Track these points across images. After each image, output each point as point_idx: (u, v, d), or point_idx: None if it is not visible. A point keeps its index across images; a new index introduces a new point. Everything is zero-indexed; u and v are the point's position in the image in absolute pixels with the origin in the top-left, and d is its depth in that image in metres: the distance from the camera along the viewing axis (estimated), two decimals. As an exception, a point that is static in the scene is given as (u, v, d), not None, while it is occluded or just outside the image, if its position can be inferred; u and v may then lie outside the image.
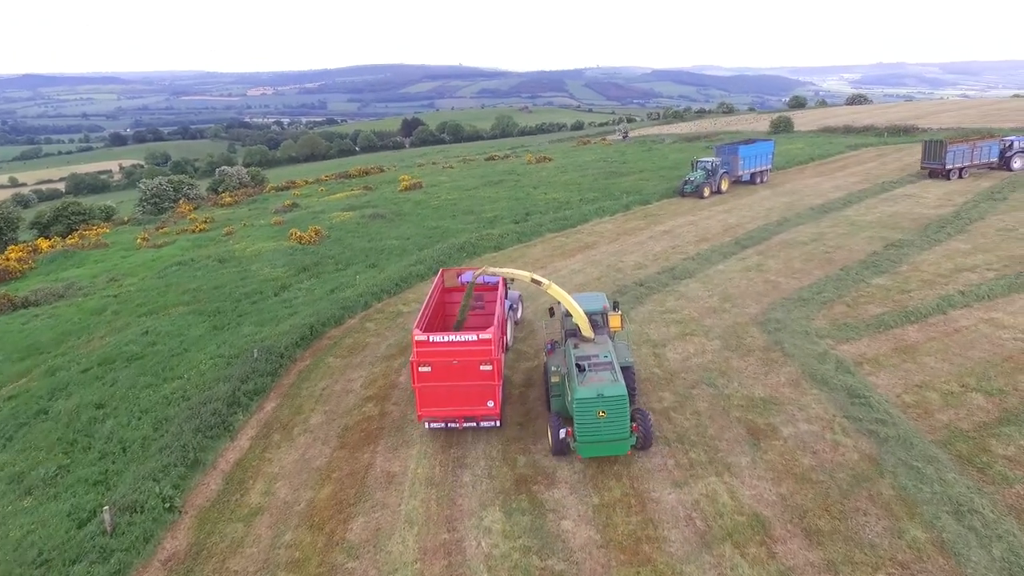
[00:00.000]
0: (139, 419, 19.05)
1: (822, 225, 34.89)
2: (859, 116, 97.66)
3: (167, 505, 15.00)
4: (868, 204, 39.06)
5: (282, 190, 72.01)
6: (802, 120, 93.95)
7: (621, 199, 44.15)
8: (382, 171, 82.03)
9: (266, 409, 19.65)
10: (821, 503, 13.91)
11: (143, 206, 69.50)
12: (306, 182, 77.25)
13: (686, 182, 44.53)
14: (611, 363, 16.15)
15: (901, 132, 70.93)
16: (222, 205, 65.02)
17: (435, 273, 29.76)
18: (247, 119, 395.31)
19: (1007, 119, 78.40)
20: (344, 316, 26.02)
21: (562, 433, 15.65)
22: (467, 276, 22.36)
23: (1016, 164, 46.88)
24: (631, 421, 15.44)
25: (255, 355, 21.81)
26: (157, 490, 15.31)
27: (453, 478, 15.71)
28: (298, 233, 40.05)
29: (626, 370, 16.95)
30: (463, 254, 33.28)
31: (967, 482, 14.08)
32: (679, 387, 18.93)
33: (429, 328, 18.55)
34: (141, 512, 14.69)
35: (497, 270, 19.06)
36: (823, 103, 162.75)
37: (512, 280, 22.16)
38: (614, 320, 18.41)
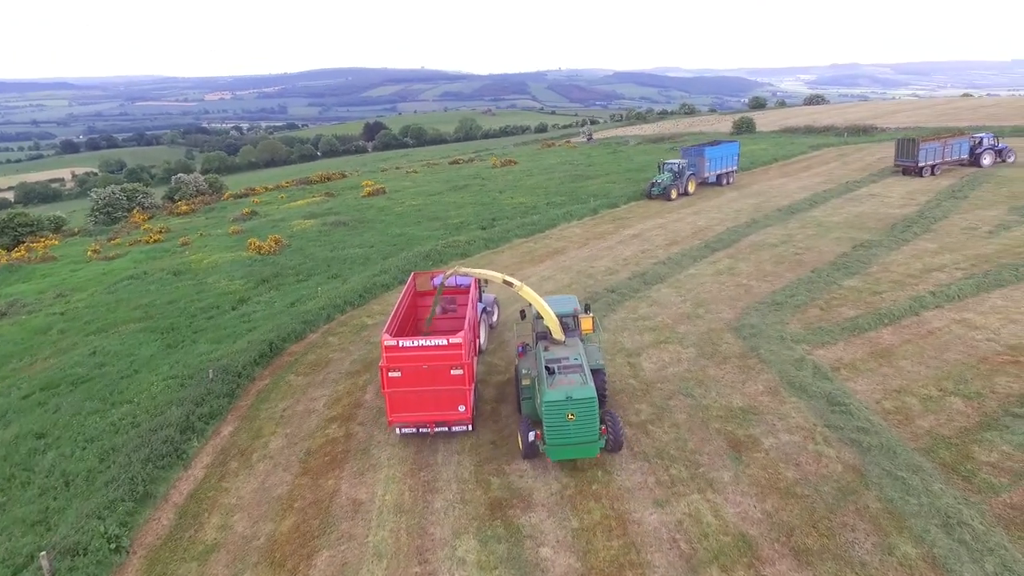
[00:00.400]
0: (84, 449, 17.76)
1: (790, 227, 34.79)
2: (819, 116, 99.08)
3: (113, 546, 13.84)
4: (834, 205, 39.17)
5: (241, 197, 70.12)
6: (763, 121, 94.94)
7: (589, 203, 43.66)
8: (344, 176, 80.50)
9: (223, 434, 18.53)
10: (808, 519, 13.39)
11: (95, 216, 67.01)
12: (266, 189, 75.39)
13: (653, 184, 44.25)
14: (581, 366, 16.06)
15: (861, 132, 71.95)
16: (178, 214, 62.99)
17: (401, 282, 28.92)
18: (205, 124, 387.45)
19: (961, 118, 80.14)
20: (305, 330, 24.92)
21: (531, 436, 15.51)
22: (440, 279, 21.93)
23: (986, 160, 47.88)
24: (600, 423, 15.29)
25: (211, 375, 20.64)
26: (102, 529, 14.13)
27: (424, 504, 14.85)
28: (257, 243, 38.70)
29: (597, 372, 16.88)
30: (429, 262, 32.35)
31: (954, 492, 13.70)
32: (656, 398, 18.34)
33: (401, 333, 18.17)
34: (84, 555, 13.52)
35: (468, 270, 18.87)
36: (782, 104, 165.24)
37: (487, 282, 21.67)
38: (586, 322, 18.38)
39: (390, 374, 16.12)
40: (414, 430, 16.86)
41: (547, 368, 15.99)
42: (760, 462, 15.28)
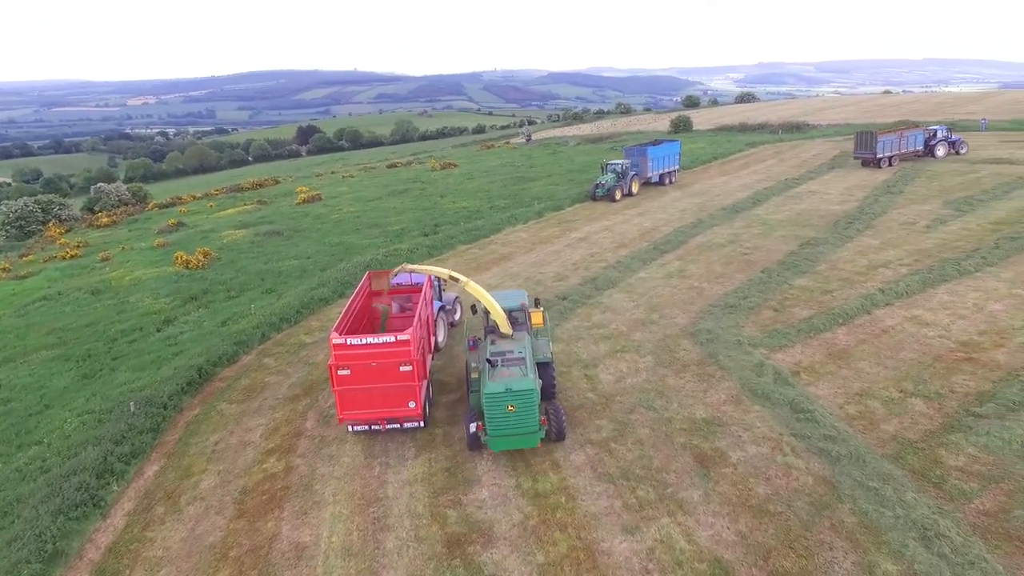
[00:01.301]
0: (-16, 501, 15.78)
1: (736, 226, 34.69)
2: (752, 114, 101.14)
3: (16, 618, 12.12)
4: (776, 202, 39.39)
5: (167, 207, 66.66)
6: (699, 119, 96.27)
7: (533, 206, 42.82)
8: (277, 183, 77.65)
9: (146, 475, 16.78)
10: (784, 539, 12.72)
11: (6, 230, 62.50)
12: (194, 197, 71.93)
13: (597, 185, 43.74)
14: (524, 359, 16.31)
15: (794, 129, 73.50)
16: (98, 226, 59.35)
17: (341, 296, 27.49)
18: (128, 130, 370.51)
19: (886, 115, 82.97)
20: (238, 352, 23.14)
21: (472, 427, 15.74)
22: (401, 278, 21.96)
23: (939, 152, 49.63)
24: (543, 415, 15.68)
25: (132, 408, 18.77)
26: (4, 598, 12.38)
27: (375, 545, 13.57)
28: (184, 256, 36.37)
29: (545, 366, 17.32)
30: (371, 271, 30.82)
31: (927, 501, 13.26)
32: (616, 413, 17.49)
33: (355, 332, 18.14)
34: (-19, 631, 11.76)
35: (415, 267, 19.00)
36: (715, 102, 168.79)
37: (446, 281, 21.08)
38: (536, 317, 18.63)
39: (339, 372, 16.17)
40: (366, 427, 16.99)
41: (488, 361, 16.21)
42: (729, 478, 14.58)
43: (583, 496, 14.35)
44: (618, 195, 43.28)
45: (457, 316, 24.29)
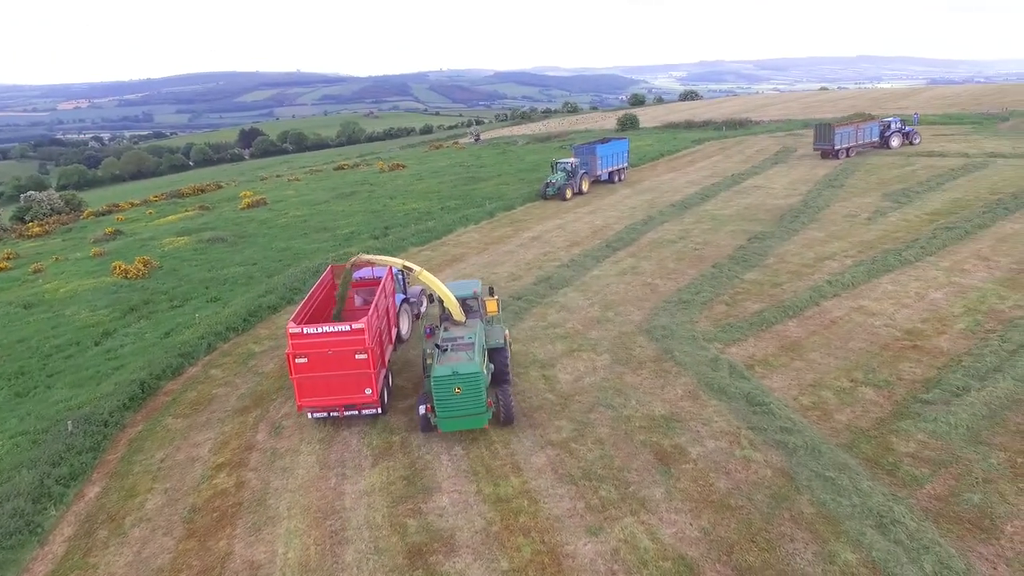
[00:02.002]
0: (-92, 534, 14.72)
1: (685, 222, 35.11)
2: (697, 111, 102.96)
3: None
4: (723, 198, 40.03)
5: (103, 215, 64.08)
6: (646, 117, 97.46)
7: (484, 206, 42.56)
8: (220, 187, 75.52)
9: (87, 497, 15.93)
10: (746, 533, 12.78)
11: (-73, 243, 59.14)
12: (132, 204, 69.38)
13: (548, 184, 43.74)
14: (472, 344, 17.02)
15: (737, 125, 75.04)
16: (29, 237, 56.66)
17: (290, 302, 26.80)
18: (60, 136, 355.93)
19: (825, 110, 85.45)
20: (183, 364, 22.24)
21: (422, 409, 16.42)
22: (364, 272, 22.56)
23: (894, 143, 51.70)
24: (490, 397, 16.42)
25: (70, 428, 17.82)
26: (-69, 638, 11.53)
27: (332, 559, 13.13)
28: (123, 266, 34.91)
29: (499, 351, 18.08)
30: (318, 277, 30.09)
31: (882, 489, 13.51)
32: (576, 412, 17.39)
33: (316, 321, 18.46)
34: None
35: (370, 257, 19.41)
36: (660, 100, 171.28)
37: (410, 274, 20.78)
38: (490, 304, 19.29)
39: (297, 360, 16.57)
40: (325, 414, 17.44)
41: (437, 346, 16.95)
42: (690, 474, 14.62)
43: (545, 499, 14.18)
44: (569, 194, 43.37)
45: (423, 308, 24.61)
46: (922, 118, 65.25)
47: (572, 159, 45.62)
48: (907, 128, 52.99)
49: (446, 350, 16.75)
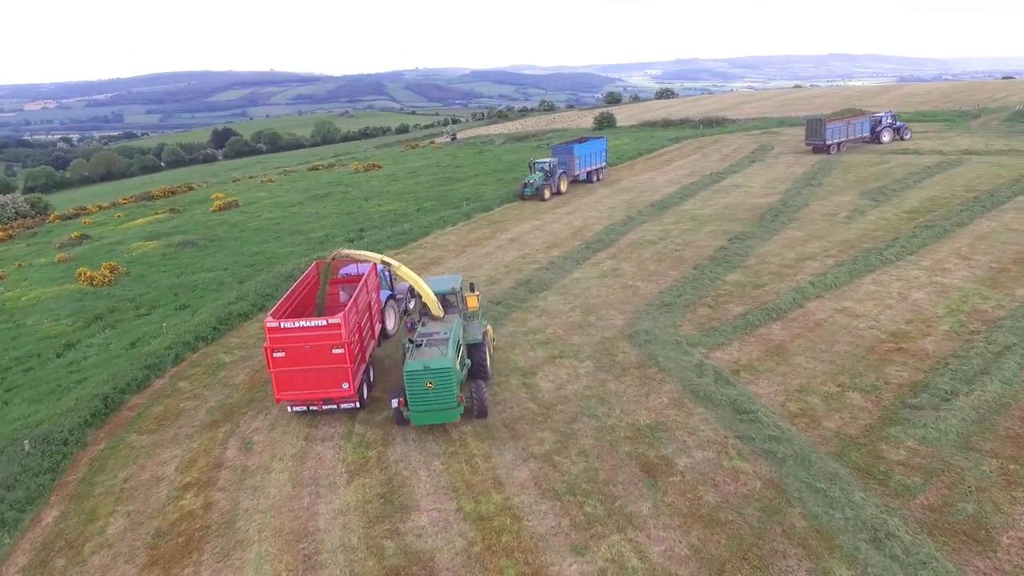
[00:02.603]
0: None
1: (665, 222, 34.75)
2: (673, 109, 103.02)
3: None
4: (702, 197, 39.76)
5: (70, 219, 62.30)
6: (622, 115, 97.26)
7: (461, 207, 41.88)
8: (191, 189, 73.95)
9: (44, 522, 15.06)
10: (737, 549, 12.33)
11: None
12: (100, 207, 67.61)
13: (526, 185, 43.16)
14: (447, 339, 17.06)
15: (714, 124, 75.02)
16: (-8, 242, 54.84)
17: (262, 309, 26.02)
18: (27, 137, 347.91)
19: (799, 108, 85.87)
20: (149, 377, 21.31)
21: (394, 403, 16.70)
22: (351, 268, 23.08)
23: (885, 137, 52.14)
24: (463, 391, 16.89)
25: (26, 448, 16.90)
26: None
27: (306, 586, 12.46)
28: (88, 272, 33.72)
29: (477, 347, 18.30)
30: (291, 283, 29.24)
31: (875, 500, 13.15)
32: (558, 423, 16.85)
33: (301, 316, 18.61)
34: None
35: (349, 252, 19.42)
36: (636, 98, 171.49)
37: (388, 269, 20.90)
38: (471, 300, 19.35)
39: (275, 354, 16.78)
40: (304, 408, 17.56)
41: (411, 341, 17.25)
42: (677, 487, 14.14)
43: (529, 516, 13.63)
44: (547, 194, 42.86)
45: (411, 305, 24.77)
46: (896, 116, 65.70)
47: (550, 159, 45.09)
48: (898, 123, 53.37)
49: (420, 345, 16.90)
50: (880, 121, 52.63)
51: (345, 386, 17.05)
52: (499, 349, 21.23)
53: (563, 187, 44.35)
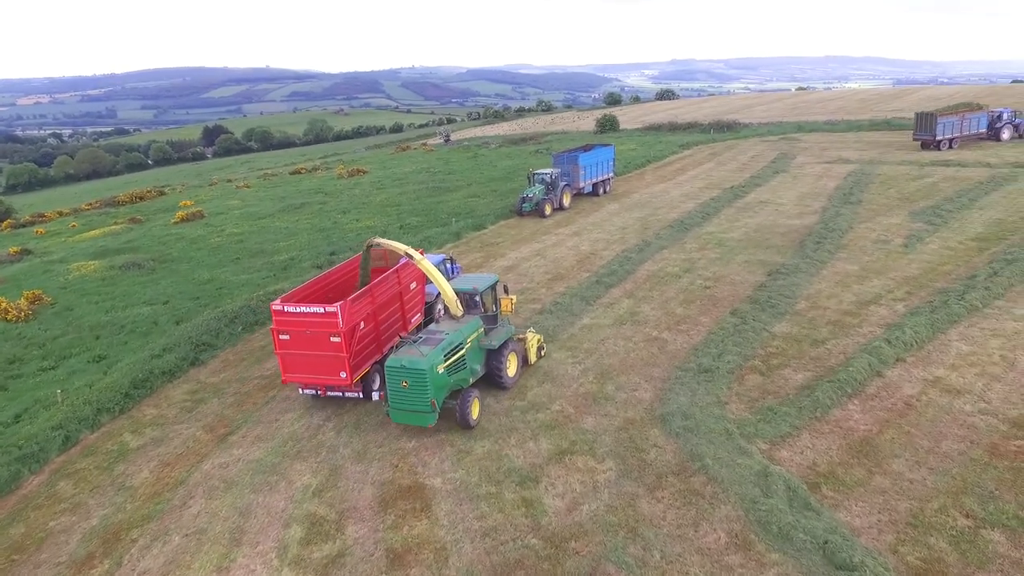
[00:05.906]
0: None
1: (688, 248, 29.57)
2: (679, 112, 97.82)
3: None
4: (727, 216, 34.61)
5: (23, 227, 56.99)
6: (624, 117, 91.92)
7: (450, 224, 36.65)
8: (162, 194, 68.57)
9: None
10: None
11: None
12: (60, 213, 62.17)
13: (524, 199, 37.91)
14: (442, 340, 16.19)
15: (725, 128, 69.91)
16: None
17: (192, 364, 20.92)
18: (19, 132, 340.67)
19: (814, 112, 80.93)
20: (20, 474, 15.93)
21: (375, 396, 17.32)
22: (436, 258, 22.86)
23: (1005, 135, 48.63)
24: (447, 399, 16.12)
25: None
26: None
27: None
28: (5, 304, 28.40)
29: (494, 353, 17.54)
30: (236, 326, 23.86)
31: None
32: (573, 574, 11.68)
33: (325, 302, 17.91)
34: None
35: (381, 241, 18.73)
36: (637, 99, 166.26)
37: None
38: (504, 303, 18.94)
39: (280, 336, 16.98)
40: (313, 391, 17.68)
41: (401, 337, 17.09)
42: None
43: None
44: (548, 210, 37.70)
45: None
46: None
47: (552, 169, 39.87)
48: (1018, 120, 49.16)
49: (415, 342, 16.16)
50: (1000, 117, 49.19)
51: (343, 375, 16.77)
52: (488, 435, 16.06)
53: (566, 201, 39.19)
